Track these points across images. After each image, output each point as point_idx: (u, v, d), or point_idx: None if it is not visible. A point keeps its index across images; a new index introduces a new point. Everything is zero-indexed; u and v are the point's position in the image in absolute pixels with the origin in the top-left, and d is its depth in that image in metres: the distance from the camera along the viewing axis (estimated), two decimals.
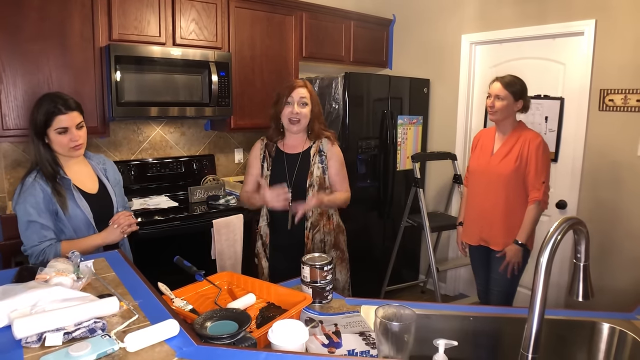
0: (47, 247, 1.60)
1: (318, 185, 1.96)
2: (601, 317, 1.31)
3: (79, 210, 1.68)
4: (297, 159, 1.99)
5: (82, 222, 1.69)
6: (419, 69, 3.68)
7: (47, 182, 1.63)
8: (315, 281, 1.43)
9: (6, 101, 2.23)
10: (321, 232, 2.00)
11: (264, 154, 2.04)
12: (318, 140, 1.99)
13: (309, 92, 1.96)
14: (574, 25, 2.72)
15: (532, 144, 2.15)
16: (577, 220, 0.92)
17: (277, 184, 1.94)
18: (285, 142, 2.03)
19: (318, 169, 1.97)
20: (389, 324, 0.92)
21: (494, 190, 2.24)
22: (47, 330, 0.93)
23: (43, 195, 1.62)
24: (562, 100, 2.85)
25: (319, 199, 1.90)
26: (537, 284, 0.90)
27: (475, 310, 1.38)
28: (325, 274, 1.43)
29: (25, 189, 1.62)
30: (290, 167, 1.99)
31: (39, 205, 1.61)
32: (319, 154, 1.98)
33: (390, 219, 3.53)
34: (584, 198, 2.81)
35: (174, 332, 0.94)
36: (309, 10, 3.30)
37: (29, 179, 1.63)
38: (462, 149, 3.45)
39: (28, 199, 1.61)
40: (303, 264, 1.45)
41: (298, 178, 1.97)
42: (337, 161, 2.01)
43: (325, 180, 1.99)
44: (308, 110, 1.96)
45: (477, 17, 3.27)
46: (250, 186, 2.07)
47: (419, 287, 3.83)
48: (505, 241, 2.22)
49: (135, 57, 2.48)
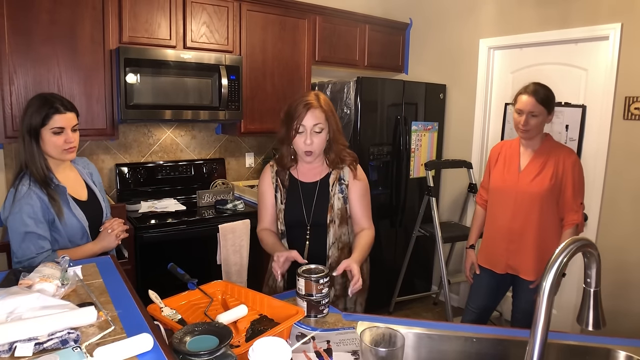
0: (45, 259, 1.51)
1: (340, 220, 1.68)
2: (618, 345, 1.20)
3: (74, 219, 1.62)
4: (314, 189, 1.70)
5: (78, 231, 1.64)
6: (435, 74, 3.58)
7: (42, 190, 1.56)
8: (311, 294, 1.37)
9: (17, 102, 2.25)
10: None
11: (277, 183, 1.73)
12: (338, 167, 1.70)
13: (324, 111, 1.62)
14: (599, 29, 2.59)
15: (568, 161, 1.95)
16: (587, 242, 0.84)
17: (292, 218, 1.70)
18: (299, 168, 1.73)
19: (339, 200, 1.68)
20: (375, 350, 0.85)
21: (525, 211, 2.00)
22: (19, 339, 0.90)
23: (40, 204, 1.54)
24: (584, 108, 2.71)
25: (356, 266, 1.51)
26: (539, 311, 0.81)
27: (479, 331, 1.29)
28: (320, 287, 1.37)
29: (21, 198, 1.53)
30: (307, 198, 1.70)
31: (36, 215, 1.53)
32: (339, 182, 1.69)
33: (403, 227, 3.44)
34: (606, 212, 2.66)
35: (147, 347, 0.89)
36: (323, 13, 3.26)
37: (23, 187, 1.55)
38: (479, 157, 3.34)
39: (24, 209, 1.52)
40: (298, 275, 1.39)
41: (316, 213, 1.68)
42: (358, 191, 1.70)
43: (346, 211, 1.71)
44: (324, 135, 1.64)
45: (495, 21, 3.16)
46: (267, 222, 1.76)
47: (431, 299, 3.72)
48: (538, 268, 2.00)
49: (145, 60, 2.48)
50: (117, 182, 2.85)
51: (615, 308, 2.59)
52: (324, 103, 1.64)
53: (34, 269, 1.19)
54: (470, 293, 2.30)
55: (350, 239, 1.74)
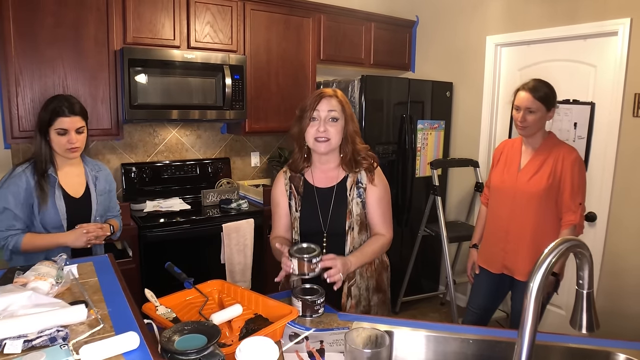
0: (11, 236, 1.68)
1: (359, 226, 1.59)
2: (617, 347, 1.17)
3: (54, 209, 1.73)
4: (330, 194, 1.59)
5: (53, 221, 1.74)
6: (442, 71, 3.54)
7: (33, 175, 1.71)
8: (303, 273, 1.40)
9: (23, 103, 2.29)
10: (364, 279, 1.62)
11: (290, 190, 1.63)
12: (356, 170, 1.59)
13: (341, 103, 1.54)
14: (608, 25, 2.53)
15: (567, 159, 1.89)
16: (578, 242, 0.82)
17: (308, 227, 1.60)
18: (314, 172, 1.62)
19: (357, 205, 1.58)
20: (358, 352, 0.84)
21: (522, 211, 1.96)
22: (9, 337, 0.91)
23: (26, 186, 1.69)
24: (592, 106, 2.65)
25: (345, 268, 1.45)
26: (526, 312, 0.79)
27: (475, 332, 1.27)
28: (313, 266, 1.39)
29: (12, 177, 1.70)
30: (323, 205, 1.59)
31: (19, 196, 1.68)
32: (357, 186, 1.58)
33: (409, 227, 3.41)
34: (615, 212, 2.60)
35: (133, 346, 0.89)
36: (328, 12, 3.24)
37: (19, 169, 1.72)
38: (486, 156, 3.29)
39: (11, 187, 1.69)
40: (290, 255, 1.41)
41: (334, 220, 1.58)
42: (376, 196, 1.59)
43: (366, 217, 1.62)
44: (339, 127, 1.53)
45: (502, 18, 3.11)
46: (281, 229, 1.66)
47: (438, 299, 3.68)
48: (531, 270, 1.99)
49: (149, 60, 2.50)
50: (123, 182, 2.87)
51: (629, 311, 2.53)
52: (340, 95, 1.57)
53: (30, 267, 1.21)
54: (471, 293, 2.27)
55: None
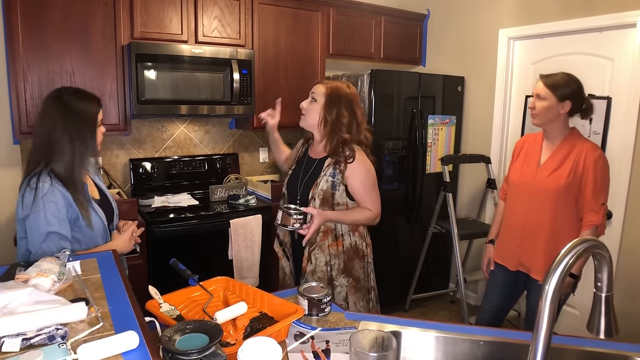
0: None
1: (321, 200, 1.78)
2: (636, 351, 1.12)
3: (97, 217, 1.56)
4: (311, 165, 1.86)
5: (100, 230, 1.58)
6: (453, 65, 3.48)
7: (64, 187, 1.47)
8: (285, 225, 1.67)
9: (31, 98, 2.29)
10: (325, 254, 1.81)
11: (297, 152, 2.00)
12: (334, 156, 1.79)
13: (327, 89, 1.79)
14: (626, 16, 2.45)
15: (590, 157, 1.82)
16: (597, 243, 0.77)
17: (290, 187, 1.91)
18: (313, 145, 1.93)
19: (326, 182, 1.78)
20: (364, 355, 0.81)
21: (539, 207, 1.92)
22: (8, 335, 0.89)
23: (64, 201, 1.46)
24: (609, 100, 2.57)
25: (321, 217, 1.72)
26: (541, 315, 0.75)
27: (486, 333, 1.23)
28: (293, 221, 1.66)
29: (43, 195, 1.43)
30: (305, 172, 1.87)
31: (60, 214, 1.45)
32: (334, 167, 1.78)
33: (419, 224, 3.36)
34: (631, 210, 2.52)
35: (132, 345, 0.87)
36: (337, 5, 3.20)
37: (45, 184, 1.45)
38: (498, 152, 3.22)
39: (48, 207, 1.43)
40: (279, 208, 1.70)
41: (306, 186, 1.83)
42: (357, 178, 1.77)
43: (333, 197, 1.79)
44: (318, 107, 1.79)
45: (515, 10, 3.03)
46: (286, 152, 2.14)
47: (448, 297, 3.63)
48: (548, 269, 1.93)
49: (156, 55, 2.48)
50: (131, 177, 2.87)
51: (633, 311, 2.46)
52: (330, 88, 1.79)
53: (33, 263, 1.19)
54: (486, 291, 2.22)
55: (334, 226, 1.82)
